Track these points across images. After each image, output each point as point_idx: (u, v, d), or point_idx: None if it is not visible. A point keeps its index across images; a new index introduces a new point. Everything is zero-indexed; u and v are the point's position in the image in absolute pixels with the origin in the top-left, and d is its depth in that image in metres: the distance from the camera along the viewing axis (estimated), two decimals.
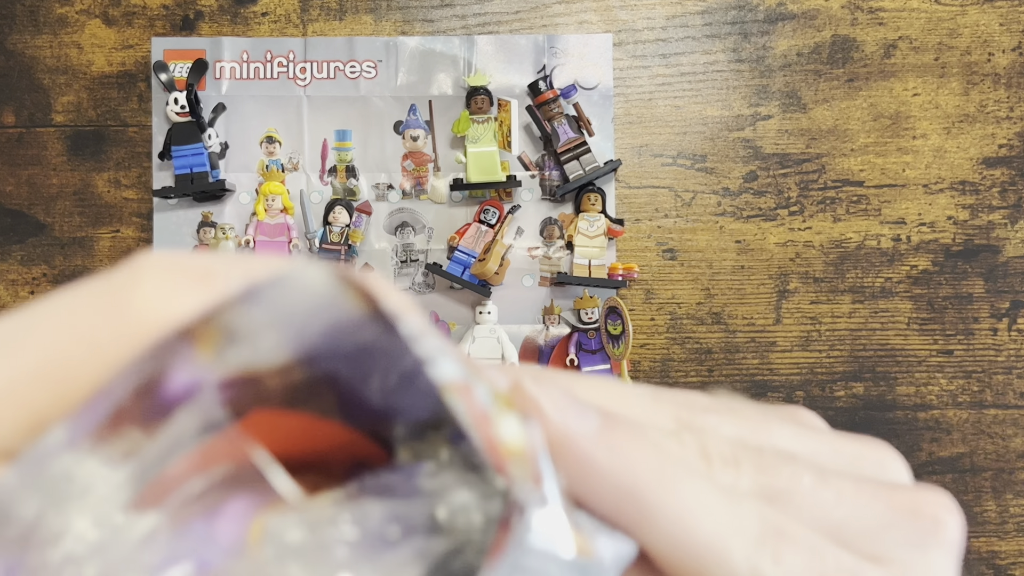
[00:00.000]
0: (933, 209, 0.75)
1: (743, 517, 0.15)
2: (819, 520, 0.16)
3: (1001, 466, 0.74)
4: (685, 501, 0.14)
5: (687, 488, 0.14)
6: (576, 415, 0.14)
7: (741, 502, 0.15)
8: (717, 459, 0.16)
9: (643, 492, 0.14)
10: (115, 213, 0.74)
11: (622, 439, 0.14)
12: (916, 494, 0.17)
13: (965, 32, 0.75)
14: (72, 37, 0.74)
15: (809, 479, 0.16)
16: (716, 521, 0.14)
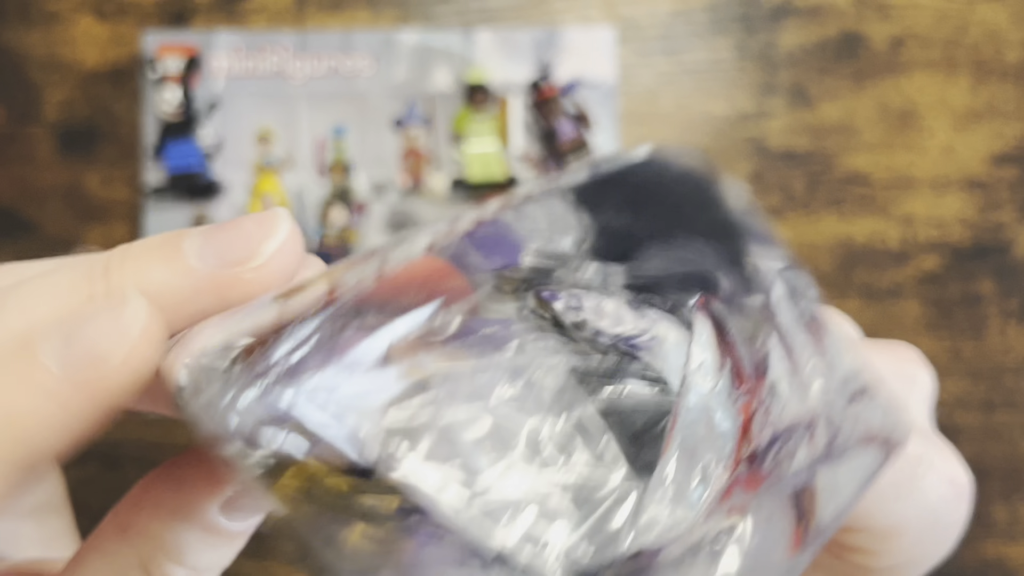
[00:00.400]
0: (941, 208, 0.74)
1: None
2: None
3: (1011, 469, 0.74)
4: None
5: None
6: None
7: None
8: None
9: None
10: (107, 211, 0.73)
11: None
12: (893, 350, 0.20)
13: (974, 27, 0.74)
14: (63, 33, 0.74)
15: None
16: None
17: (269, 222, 0.15)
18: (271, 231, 0.14)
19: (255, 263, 0.14)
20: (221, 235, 0.15)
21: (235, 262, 0.14)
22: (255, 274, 0.14)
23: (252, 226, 0.15)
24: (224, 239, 0.14)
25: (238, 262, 0.14)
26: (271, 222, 0.15)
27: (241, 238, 0.14)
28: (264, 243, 0.14)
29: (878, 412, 0.14)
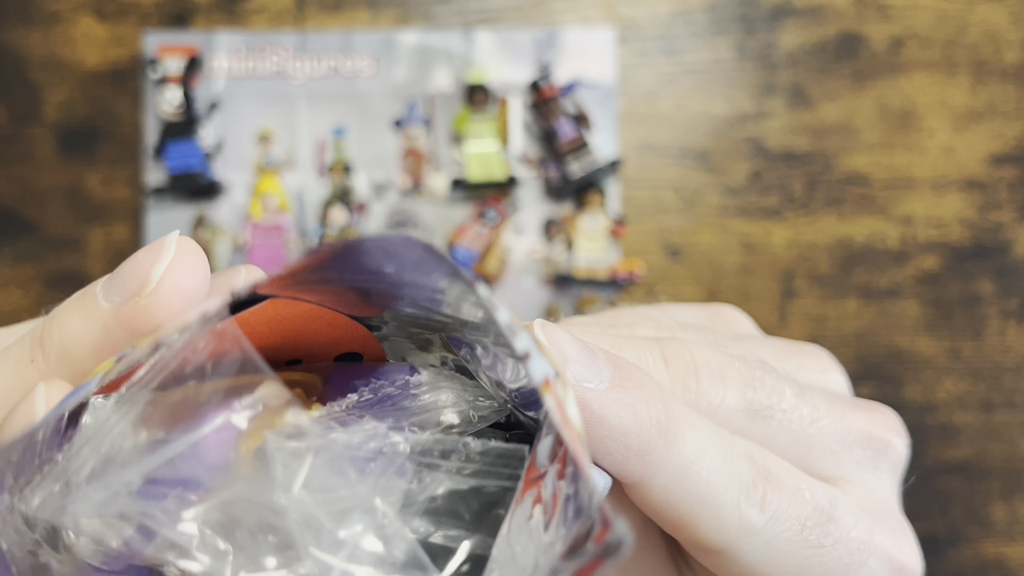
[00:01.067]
0: (941, 208, 0.74)
1: (735, 464, 0.15)
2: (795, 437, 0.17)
3: (1010, 469, 0.73)
4: (685, 455, 0.15)
5: (687, 441, 0.15)
6: (589, 368, 0.14)
7: (732, 446, 0.16)
8: (705, 374, 0.16)
9: (650, 449, 0.15)
10: (107, 212, 0.73)
11: (631, 394, 0.15)
12: (870, 413, 0.18)
13: (973, 28, 0.74)
14: (64, 33, 0.74)
15: (790, 393, 0.17)
16: (712, 472, 0.15)
17: (157, 248, 0.15)
18: (159, 255, 0.15)
19: (147, 289, 0.14)
20: (120, 271, 0.15)
21: (132, 293, 0.15)
22: (149, 300, 0.14)
23: (143, 255, 0.15)
24: (121, 274, 0.15)
25: (135, 292, 0.15)
26: (159, 247, 0.15)
27: (134, 269, 0.15)
28: (152, 269, 0.15)
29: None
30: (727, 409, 0.16)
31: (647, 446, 0.15)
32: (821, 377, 0.19)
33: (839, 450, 0.18)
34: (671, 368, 0.16)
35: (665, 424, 0.15)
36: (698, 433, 0.15)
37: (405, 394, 0.13)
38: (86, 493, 0.12)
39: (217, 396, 0.13)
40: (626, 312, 0.20)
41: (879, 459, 0.18)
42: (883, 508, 0.18)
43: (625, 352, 0.16)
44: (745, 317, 0.21)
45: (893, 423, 0.19)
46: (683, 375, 0.16)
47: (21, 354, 0.15)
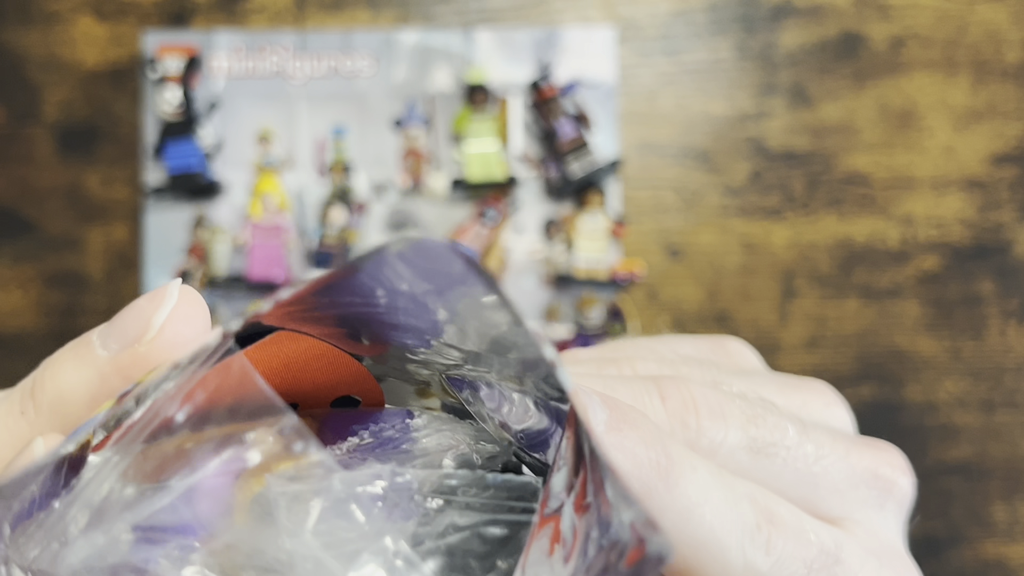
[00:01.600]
0: (941, 208, 0.74)
1: (738, 507, 0.15)
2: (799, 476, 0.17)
3: (1011, 469, 0.73)
4: (687, 497, 0.15)
5: (689, 484, 0.15)
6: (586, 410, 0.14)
7: (736, 488, 0.15)
8: (705, 411, 0.16)
9: (651, 493, 0.14)
10: (107, 212, 0.73)
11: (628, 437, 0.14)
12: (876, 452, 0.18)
13: (974, 28, 0.74)
14: (63, 33, 0.73)
15: (793, 430, 0.17)
16: (715, 515, 0.15)
17: (159, 295, 0.15)
18: (160, 303, 0.15)
19: (148, 337, 0.14)
20: (119, 318, 0.15)
21: (132, 340, 0.14)
22: (148, 348, 0.14)
23: (144, 302, 0.15)
24: (121, 321, 0.15)
25: (134, 340, 0.14)
26: (160, 295, 0.15)
27: (134, 316, 0.15)
28: (154, 316, 0.14)
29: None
30: (729, 447, 0.16)
31: (647, 490, 0.14)
32: (826, 413, 0.19)
33: (844, 489, 0.18)
34: (668, 406, 0.16)
35: (665, 467, 0.15)
36: (700, 475, 0.15)
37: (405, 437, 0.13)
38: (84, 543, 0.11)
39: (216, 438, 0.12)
40: (628, 345, 0.20)
41: (885, 499, 0.18)
42: (889, 549, 0.18)
43: (620, 392, 0.16)
44: (749, 350, 0.21)
45: (899, 462, 0.19)
46: (682, 413, 0.16)
47: (11, 407, 0.15)
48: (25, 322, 0.73)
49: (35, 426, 0.14)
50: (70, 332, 0.74)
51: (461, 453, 0.13)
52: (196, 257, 0.73)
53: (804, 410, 0.19)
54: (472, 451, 0.13)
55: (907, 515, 0.18)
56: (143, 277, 0.73)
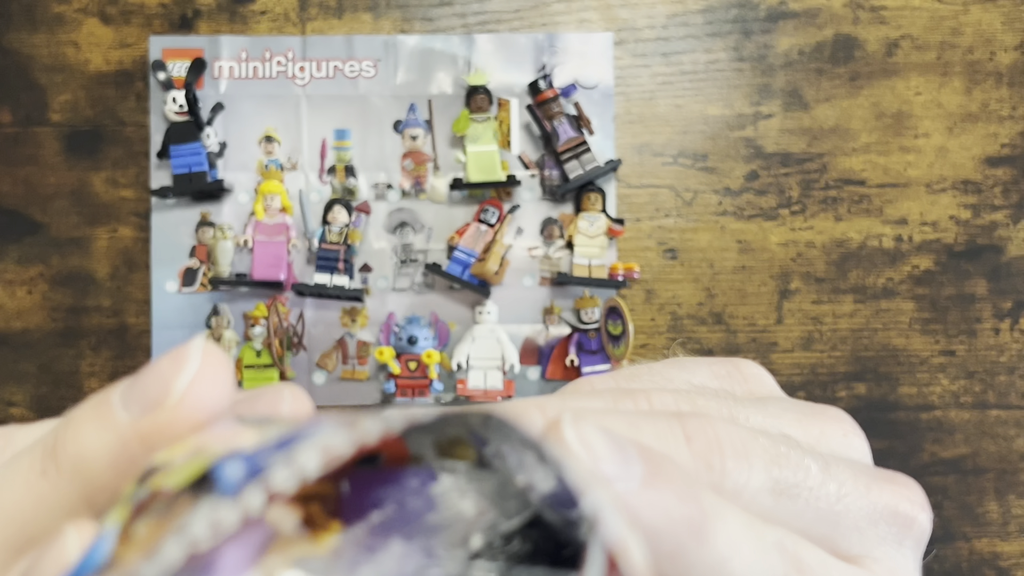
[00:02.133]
0: (935, 209, 0.75)
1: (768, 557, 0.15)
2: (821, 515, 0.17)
3: (1004, 467, 0.74)
4: (719, 552, 0.14)
5: (719, 537, 0.15)
6: (619, 465, 0.14)
7: (764, 537, 0.15)
8: (730, 452, 0.16)
9: (683, 550, 0.14)
10: (112, 213, 0.74)
11: (662, 493, 0.14)
12: (895, 487, 0.18)
13: (967, 31, 0.75)
14: (69, 35, 0.74)
15: (816, 469, 0.17)
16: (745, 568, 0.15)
17: (179, 358, 0.14)
18: (181, 367, 0.14)
19: (169, 402, 0.14)
20: (140, 380, 0.14)
21: (152, 405, 0.14)
22: (170, 415, 0.14)
23: (165, 365, 0.14)
24: (142, 384, 0.14)
25: (155, 404, 0.14)
26: (181, 357, 0.14)
27: (155, 380, 0.14)
28: (176, 380, 0.14)
29: None
30: (753, 490, 0.16)
31: (680, 547, 0.14)
32: (844, 443, 0.19)
33: (865, 527, 0.17)
34: (694, 447, 0.16)
35: (698, 522, 0.14)
36: (730, 528, 0.15)
37: (428, 506, 0.12)
38: None
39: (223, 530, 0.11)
40: (643, 373, 0.19)
41: (904, 536, 0.18)
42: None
43: (645, 432, 0.16)
44: (765, 373, 0.20)
45: (918, 497, 0.18)
46: (707, 454, 0.16)
47: (32, 465, 0.14)
48: (31, 322, 0.73)
49: (58, 489, 0.14)
50: (76, 332, 0.74)
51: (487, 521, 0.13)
52: (200, 257, 0.74)
53: (823, 441, 0.18)
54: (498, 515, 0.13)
55: (923, 550, 0.19)
56: (149, 277, 0.74)
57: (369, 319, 0.74)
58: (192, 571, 0.11)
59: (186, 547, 0.11)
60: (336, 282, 0.72)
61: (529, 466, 0.12)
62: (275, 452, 0.11)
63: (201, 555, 0.11)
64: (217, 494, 0.11)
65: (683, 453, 0.16)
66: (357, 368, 0.74)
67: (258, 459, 0.11)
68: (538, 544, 0.13)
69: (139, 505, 0.12)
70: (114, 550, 0.11)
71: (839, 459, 0.18)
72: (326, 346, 0.74)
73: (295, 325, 0.74)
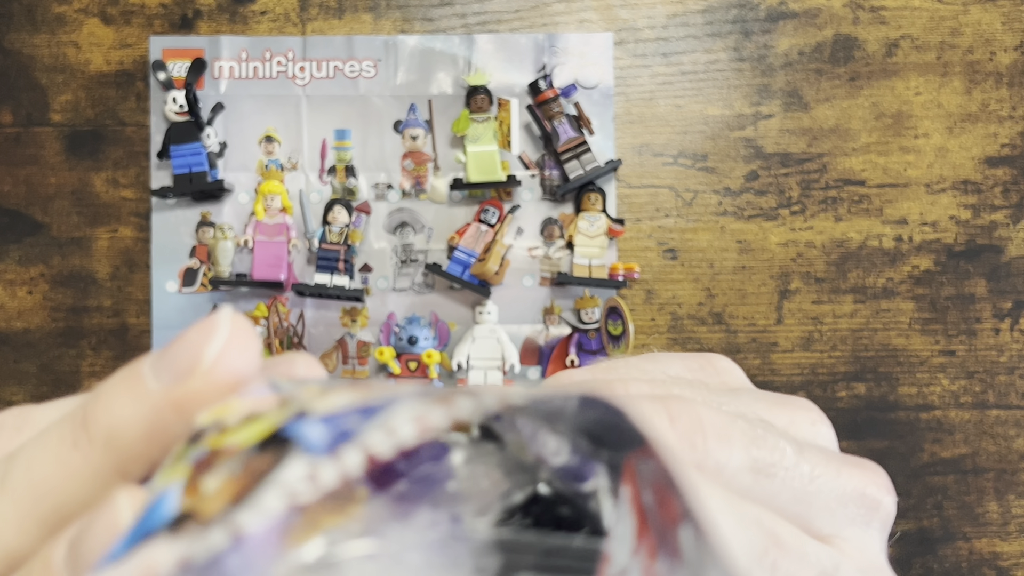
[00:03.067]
0: (935, 209, 0.75)
1: (747, 532, 0.16)
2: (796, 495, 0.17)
3: (1004, 467, 0.74)
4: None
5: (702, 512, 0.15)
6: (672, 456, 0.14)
7: (744, 513, 0.16)
8: (711, 432, 0.16)
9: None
10: (113, 213, 0.74)
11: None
12: (863, 471, 0.19)
13: (967, 31, 0.75)
14: (70, 36, 0.74)
15: (791, 451, 0.17)
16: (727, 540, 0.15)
17: (209, 327, 0.14)
18: (211, 335, 0.14)
19: (201, 370, 0.14)
20: (170, 350, 0.15)
21: (184, 374, 0.14)
22: (202, 382, 0.14)
23: (195, 334, 0.14)
24: (172, 353, 0.14)
25: (186, 373, 0.14)
26: (211, 327, 0.14)
27: (186, 349, 0.14)
28: (206, 348, 0.14)
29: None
30: (733, 468, 0.17)
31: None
32: (812, 431, 0.19)
33: (836, 508, 0.18)
34: (677, 427, 0.16)
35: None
36: (713, 502, 0.15)
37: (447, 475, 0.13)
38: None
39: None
40: (620, 365, 0.20)
41: (871, 517, 0.18)
42: (876, 566, 0.19)
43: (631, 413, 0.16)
44: (736, 367, 0.21)
45: (884, 482, 0.19)
46: (690, 434, 0.16)
47: (62, 438, 0.14)
48: (32, 322, 0.73)
49: (90, 460, 0.14)
50: (77, 332, 0.74)
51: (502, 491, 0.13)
52: (200, 257, 0.74)
53: (792, 428, 0.19)
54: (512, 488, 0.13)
55: (888, 532, 0.19)
56: (149, 277, 0.74)
57: (369, 319, 0.74)
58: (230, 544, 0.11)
59: (286, 498, 0.11)
60: (336, 282, 0.72)
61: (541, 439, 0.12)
62: (359, 418, 0.11)
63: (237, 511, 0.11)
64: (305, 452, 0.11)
65: (668, 433, 0.16)
66: (357, 368, 0.74)
67: (340, 423, 0.11)
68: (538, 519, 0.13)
69: (199, 463, 0.12)
70: (183, 503, 0.11)
71: (810, 444, 0.18)
72: (326, 346, 0.74)
73: (295, 325, 0.74)
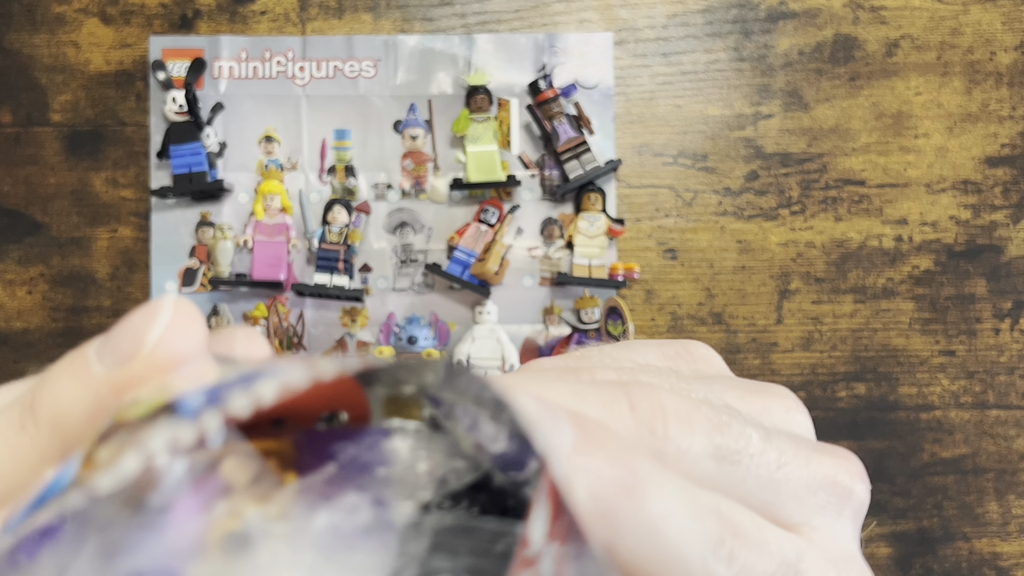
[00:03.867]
0: (935, 209, 0.75)
1: (703, 521, 0.15)
2: (762, 483, 0.17)
3: (1004, 467, 0.74)
4: (652, 514, 0.15)
5: (654, 500, 0.15)
6: (551, 429, 0.14)
7: (701, 502, 0.16)
8: (673, 418, 0.16)
9: (615, 512, 0.14)
10: (113, 213, 0.74)
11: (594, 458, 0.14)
12: (835, 459, 0.18)
13: (967, 31, 0.75)
14: (69, 36, 0.74)
15: (757, 437, 0.17)
16: (679, 530, 0.15)
17: (151, 311, 0.14)
18: (153, 320, 0.14)
19: (142, 354, 0.14)
20: (114, 334, 0.15)
21: (126, 358, 0.14)
22: (143, 366, 0.14)
23: (137, 319, 0.15)
24: (115, 337, 0.15)
25: (128, 357, 0.14)
26: (153, 311, 0.14)
27: (128, 333, 0.14)
28: (147, 332, 0.14)
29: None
30: (695, 455, 0.16)
31: (613, 509, 0.14)
32: (786, 419, 0.19)
33: (804, 496, 0.18)
34: (637, 414, 0.16)
35: (631, 484, 0.15)
36: (665, 491, 0.15)
37: (381, 461, 0.13)
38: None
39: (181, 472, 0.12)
40: (592, 352, 0.20)
41: (843, 505, 0.18)
42: (847, 556, 0.18)
43: (590, 399, 0.16)
44: (714, 354, 0.21)
45: (857, 469, 0.19)
46: (650, 420, 0.16)
47: (11, 421, 0.15)
48: (32, 322, 0.73)
49: (36, 443, 0.14)
50: (76, 332, 0.74)
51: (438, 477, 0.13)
52: (200, 257, 0.74)
53: (765, 415, 0.19)
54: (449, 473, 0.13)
55: (862, 521, 0.19)
56: (149, 277, 0.74)
57: (369, 319, 0.74)
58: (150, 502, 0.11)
59: (143, 460, 0.11)
60: (336, 282, 0.72)
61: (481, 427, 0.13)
62: (239, 385, 0.12)
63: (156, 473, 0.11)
64: (173, 417, 0.12)
65: (627, 420, 0.16)
66: None
67: (219, 391, 0.12)
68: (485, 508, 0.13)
69: (102, 435, 0.12)
70: (78, 473, 0.12)
71: (780, 431, 0.18)
72: (326, 346, 0.74)
73: (295, 325, 0.74)
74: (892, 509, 0.74)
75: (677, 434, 0.16)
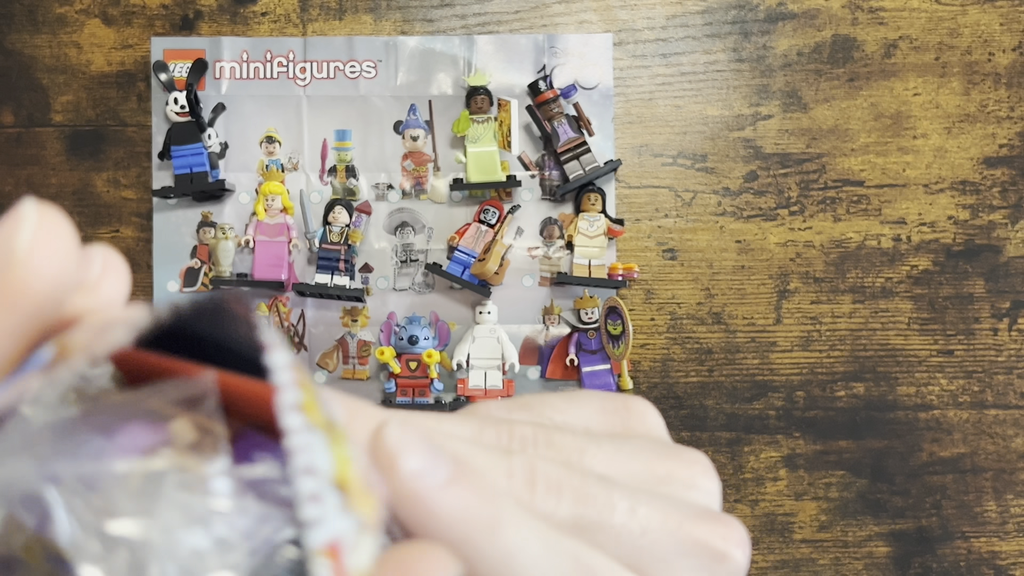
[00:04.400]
0: (934, 209, 0.75)
1: (557, 559, 0.16)
2: (625, 546, 0.18)
3: (1002, 466, 0.74)
4: (507, 545, 0.16)
5: (510, 535, 0.16)
6: (428, 463, 0.15)
7: (559, 543, 0.17)
8: (542, 486, 0.18)
9: (472, 543, 0.15)
10: (114, 213, 0.74)
11: (464, 491, 0.15)
12: (712, 526, 0.19)
13: (966, 32, 0.75)
14: (71, 36, 0.74)
15: (623, 508, 0.18)
16: (533, 565, 0.16)
17: (15, 218, 0.14)
18: (17, 227, 0.14)
19: (17, 262, 0.14)
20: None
21: (2, 268, 0.14)
22: (15, 273, 0.14)
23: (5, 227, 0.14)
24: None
25: (4, 268, 0.14)
26: (16, 218, 0.14)
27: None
28: (15, 240, 0.14)
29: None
30: (559, 520, 0.17)
31: (471, 539, 0.15)
32: (687, 484, 0.20)
33: (672, 559, 0.18)
34: (512, 481, 0.17)
35: (492, 521, 0.16)
36: (523, 529, 0.16)
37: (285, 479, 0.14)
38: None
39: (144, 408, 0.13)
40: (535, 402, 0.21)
41: (715, 570, 0.19)
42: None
43: (477, 460, 0.17)
44: (651, 413, 0.22)
45: (736, 535, 0.19)
46: (520, 487, 0.17)
47: None
48: None
49: None
50: None
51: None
52: (201, 257, 0.74)
53: (665, 482, 0.20)
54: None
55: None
56: (150, 277, 0.74)
57: (370, 319, 0.74)
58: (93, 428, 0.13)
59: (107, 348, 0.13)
60: (337, 282, 0.72)
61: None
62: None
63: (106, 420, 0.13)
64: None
65: (502, 484, 0.17)
66: (358, 368, 0.74)
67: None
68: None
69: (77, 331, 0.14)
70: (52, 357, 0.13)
71: (658, 498, 0.19)
72: (327, 346, 0.74)
73: (296, 325, 0.74)
74: (891, 508, 0.74)
75: (543, 499, 0.17)
